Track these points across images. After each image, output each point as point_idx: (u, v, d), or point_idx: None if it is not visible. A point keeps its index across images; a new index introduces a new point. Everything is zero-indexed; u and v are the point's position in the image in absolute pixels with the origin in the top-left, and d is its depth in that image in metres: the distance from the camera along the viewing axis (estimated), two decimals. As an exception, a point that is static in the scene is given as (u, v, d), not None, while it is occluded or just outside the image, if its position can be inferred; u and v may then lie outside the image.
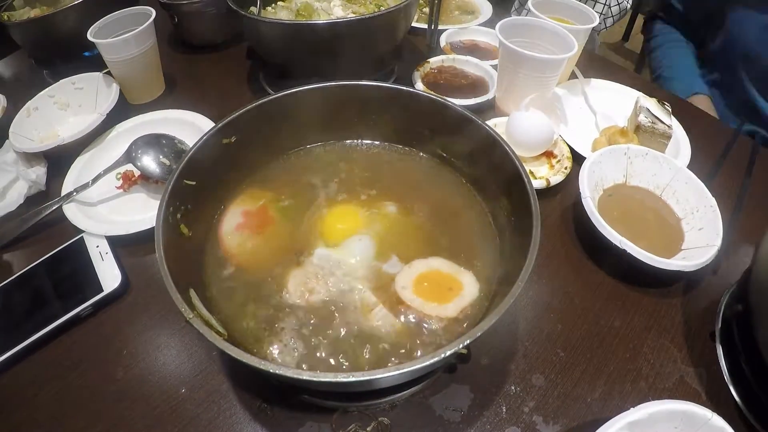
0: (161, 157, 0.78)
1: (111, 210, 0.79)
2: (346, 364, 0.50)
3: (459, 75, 1.01)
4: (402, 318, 0.53)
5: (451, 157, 0.68)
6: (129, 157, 0.79)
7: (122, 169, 0.82)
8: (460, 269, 0.57)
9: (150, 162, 0.78)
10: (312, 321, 0.53)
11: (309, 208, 0.64)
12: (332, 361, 0.50)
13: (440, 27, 1.15)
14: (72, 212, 0.74)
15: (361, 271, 0.57)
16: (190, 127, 0.89)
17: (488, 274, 0.57)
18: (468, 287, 0.56)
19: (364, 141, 0.73)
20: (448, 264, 0.58)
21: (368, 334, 0.52)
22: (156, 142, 0.81)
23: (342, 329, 0.53)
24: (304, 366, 0.50)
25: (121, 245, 0.72)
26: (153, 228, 0.50)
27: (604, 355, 0.61)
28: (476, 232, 0.61)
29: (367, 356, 0.51)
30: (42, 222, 0.75)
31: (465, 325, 0.53)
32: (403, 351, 0.51)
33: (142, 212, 0.77)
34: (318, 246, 0.60)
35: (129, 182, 0.82)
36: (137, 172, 0.82)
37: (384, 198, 0.65)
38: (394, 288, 0.55)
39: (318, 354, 0.51)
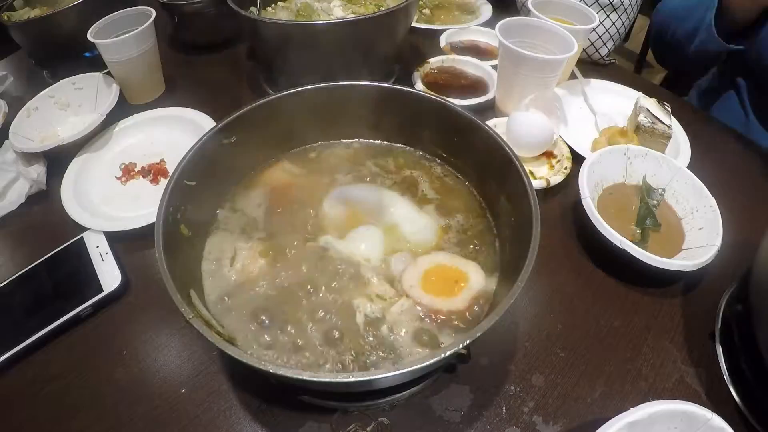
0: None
1: (110, 206, 0.79)
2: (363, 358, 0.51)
3: (459, 75, 1.01)
4: (418, 313, 0.54)
5: (451, 157, 0.68)
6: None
7: (126, 160, 0.85)
8: (464, 261, 0.58)
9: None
10: (321, 314, 0.54)
11: (311, 206, 0.64)
12: (344, 357, 0.51)
13: (441, 27, 1.16)
14: (72, 207, 0.75)
15: (372, 262, 0.58)
16: (191, 124, 0.89)
17: (489, 274, 0.57)
18: (474, 277, 0.56)
19: (363, 141, 0.73)
20: (452, 257, 0.59)
21: (391, 326, 0.53)
22: None
23: (357, 323, 0.53)
24: (304, 357, 0.50)
25: (120, 242, 0.72)
26: (152, 224, 0.50)
27: (604, 355, 0.61)
28: (476, 232, 0.61)
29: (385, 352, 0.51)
30: (42, 221, 0.75)
31: (478, 315, 0.54)
32: (422, 344, 0.52)
33: (141, 208, 0.77)
34: (324, 235, 0.61)
35: (128, 175, 0.84)
36: (137, 166, 0.83)
37: (384, 197, 0.65)
38: (402, 287, 0.56)
39: (327, 351, 0.51)
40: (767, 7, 0.84)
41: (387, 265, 0.58)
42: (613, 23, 1.08)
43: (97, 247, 0.70)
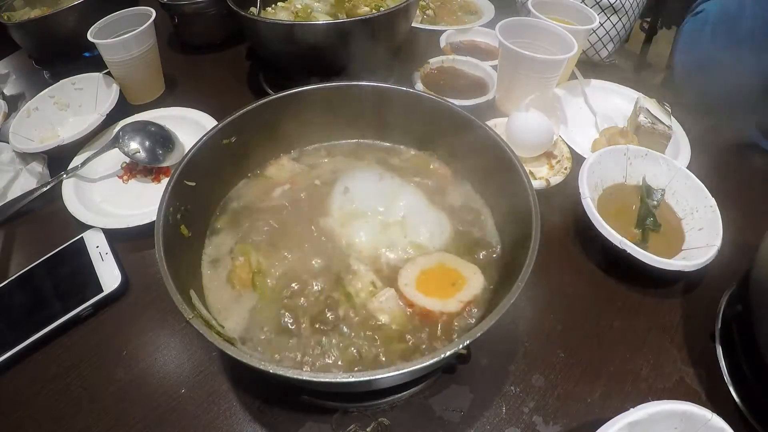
0: (147, 143, 0.80)
1: (111, 203, 0.79)
2: (354, 352, 0.51)
3: (459, 75, 1.01)
4: (405, 311, 0.54)
5: (451, 157, 0.68)
6: (116, 142, 0.80)
7: (125, 159, 0.83)
8: (463, 263, 0.58)
9: (136, 146, 0.80)
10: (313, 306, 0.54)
11: (310, 207, 0.64)
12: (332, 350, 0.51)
13: (442, 27, 1.16)
14: (73, 205, 0.75)
15: (365, 254, 0.59)
16: (191, 124, 0.89)
17: (489, 274, 0.57)
18: (472, 281, 0.56)
19: (363, 141, 0.73)
20: (452, 258, 0.58)
21: (370, 318, 0.53)
22: (143, 128, 0.82)
23: (343, 313, 0.54)
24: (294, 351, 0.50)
25: (120, 242, 0.72)
26: (152, 222, 0.50)
27: (604, 355, 0.61)
28: (476, 233, 0.61)
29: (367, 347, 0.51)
30: (42, 221, 0.75)
31: (470, 320, 0.53)
32: (405, 343, 0.52)
33: (141, 206, 0.77)
34: (326, 230, 0.61)
35: (130, 174, 0.84)
36: (139, 165, 0.83)
37: (384, 197, 0.65)
38: (397, 284, 0.56)
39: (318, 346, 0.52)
40: None
41: (382, 258, 0.58)
42: (614, 25, 1.08)
43: (97, 247, 0.70)
